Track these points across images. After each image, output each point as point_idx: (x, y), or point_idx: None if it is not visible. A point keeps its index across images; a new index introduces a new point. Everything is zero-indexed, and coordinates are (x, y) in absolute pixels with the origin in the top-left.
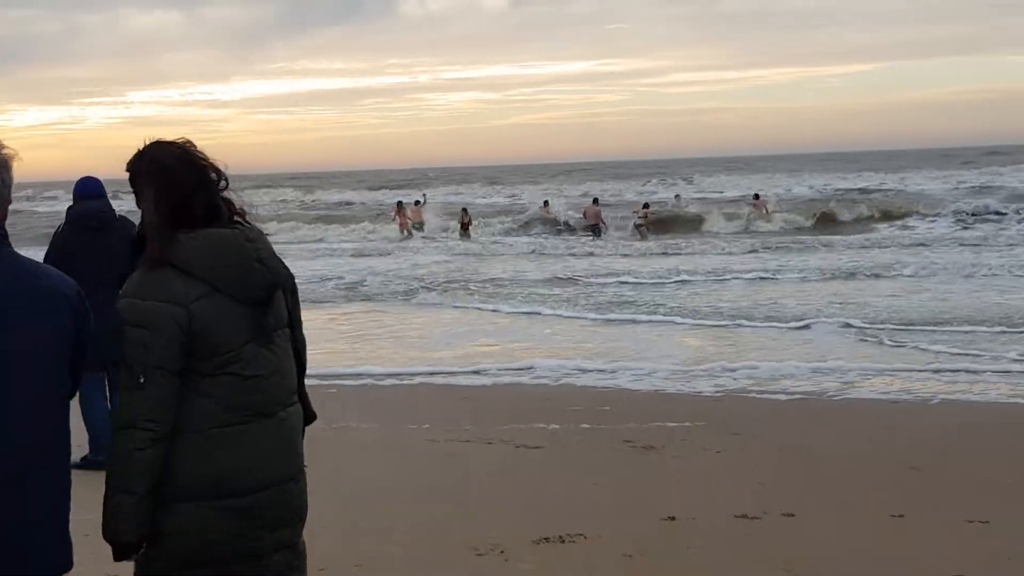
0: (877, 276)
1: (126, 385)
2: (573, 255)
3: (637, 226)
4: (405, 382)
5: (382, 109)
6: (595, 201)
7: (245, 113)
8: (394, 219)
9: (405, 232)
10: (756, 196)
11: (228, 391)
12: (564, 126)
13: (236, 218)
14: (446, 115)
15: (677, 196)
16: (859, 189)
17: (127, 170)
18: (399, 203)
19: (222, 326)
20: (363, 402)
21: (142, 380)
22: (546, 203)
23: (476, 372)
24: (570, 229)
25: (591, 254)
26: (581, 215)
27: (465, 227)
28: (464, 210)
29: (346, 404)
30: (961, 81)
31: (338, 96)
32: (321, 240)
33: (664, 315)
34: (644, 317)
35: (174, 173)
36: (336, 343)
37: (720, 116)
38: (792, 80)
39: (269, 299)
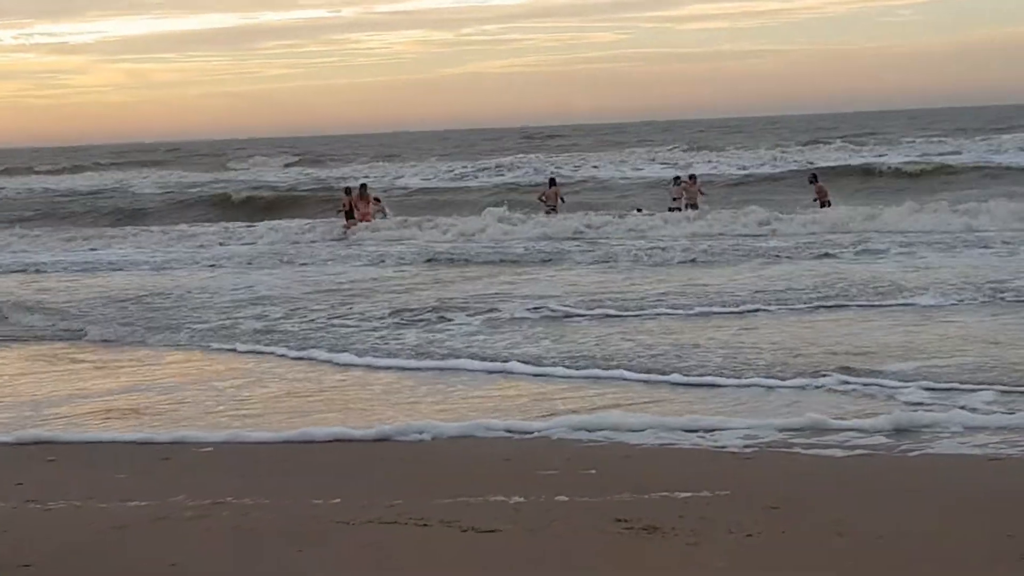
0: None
1: None
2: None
3: (671, 208)
4: (306, 439)
5: (292, 55)
6: (552, 182)
7: (103, 61)
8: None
9: (350, 230)
10: (692, 178)
11: None
12: (541, 76)
13: None
14: (380, 62)
15: (677, 179)
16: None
17: None
18: (347, 189)
19: None
20: (247, 467)
21: None
22: (693, 178)
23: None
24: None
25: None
26: (538, 199)
27: (349, 213)
28: (362, 187)
29: (224, 470)
30: None
31: (230, 37)
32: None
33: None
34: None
35: None
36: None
37: (751, 63)
38: (848, 13)
39: None
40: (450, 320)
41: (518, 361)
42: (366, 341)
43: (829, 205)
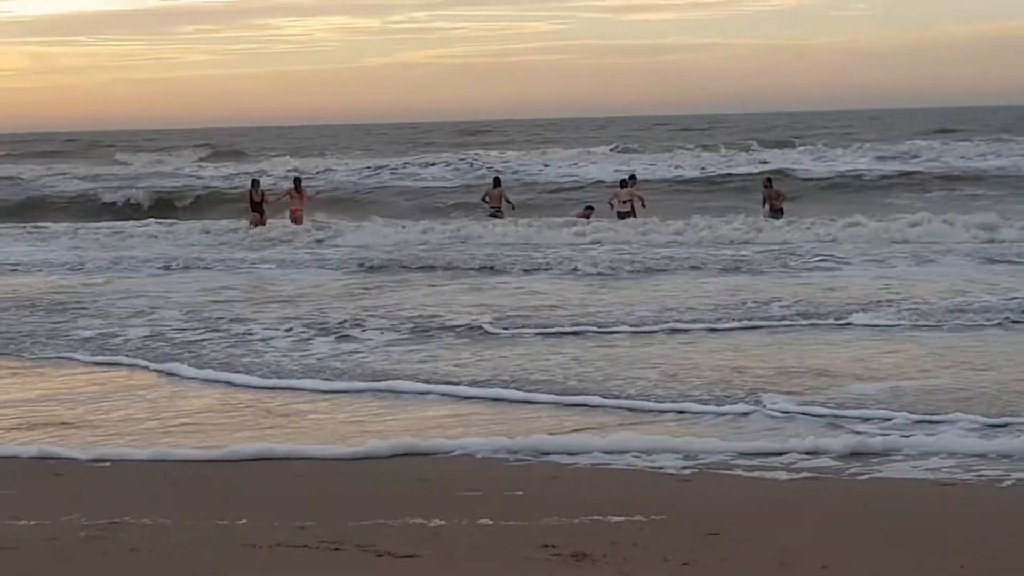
0: None
1: None
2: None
3: (622, 214)
4: (213, 454)
5: (210, 40)
6: (497, 182)
7: (6, 44)
8: (285, 199)
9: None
10: (631, 179)
11: None
12: (473, 68)
13: None
14: (302, 50)
15: (623, 183)
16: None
17: None
18: (297, 180)
19: None
20: (149, 484)
21: None
22: (632, 178)
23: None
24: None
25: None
26: (481, 199)
27: (257, 206)
28: (297, 180)
29: (124, 487)
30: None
31: (146, 19)
32: None
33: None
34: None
35: None
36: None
37: (698, 57)
38: (799, 6)
39: None
40: (366, 332)
41: (402, 379)
42: (264, 355)
43: (782, 213)
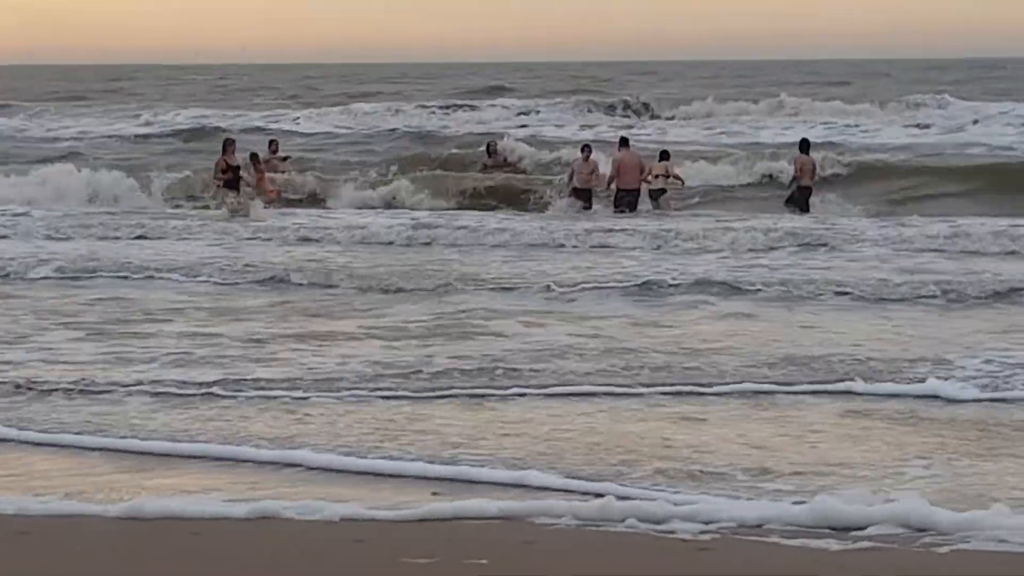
0: None
1: None
2: None
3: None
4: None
5: None
6: (624, 142)
7: None
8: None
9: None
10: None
11: None
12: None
13: None
14: None
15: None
16: None
17: None
18: (253, 156)
19: None
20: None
21: None
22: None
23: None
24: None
25: None
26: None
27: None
28: (231, 144)
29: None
30: None
31: None
32: None
33: None
34: None
35: None
36: None
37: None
38: None
39: None
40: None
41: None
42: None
43: (809, 194)
